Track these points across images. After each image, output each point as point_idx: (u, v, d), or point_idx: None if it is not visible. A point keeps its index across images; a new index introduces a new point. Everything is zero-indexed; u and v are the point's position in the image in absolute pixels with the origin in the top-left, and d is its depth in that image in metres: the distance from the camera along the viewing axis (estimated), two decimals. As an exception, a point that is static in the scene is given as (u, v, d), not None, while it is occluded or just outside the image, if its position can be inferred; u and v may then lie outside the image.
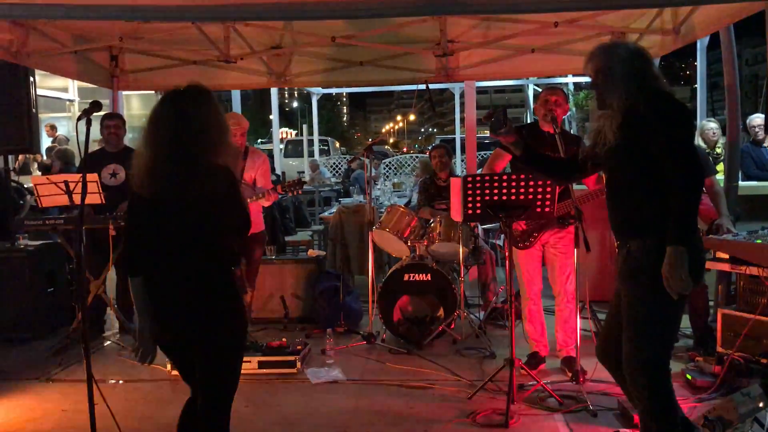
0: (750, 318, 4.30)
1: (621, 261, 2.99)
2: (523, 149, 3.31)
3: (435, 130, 73.74)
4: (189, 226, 2.64)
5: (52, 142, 11.46)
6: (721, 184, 5.28)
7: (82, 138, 3.25)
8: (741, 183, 5.85)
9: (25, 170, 9.91)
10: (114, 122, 5.81)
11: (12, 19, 5.17)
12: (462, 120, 14.04)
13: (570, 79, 15.00)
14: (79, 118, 3.17)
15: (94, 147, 6.34)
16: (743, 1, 4.41)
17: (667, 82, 2.96)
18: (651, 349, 2.85)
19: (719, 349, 4.49)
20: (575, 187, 4.23)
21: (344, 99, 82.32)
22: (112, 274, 5.63)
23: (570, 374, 4.47)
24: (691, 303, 4.91)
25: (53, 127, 12.12)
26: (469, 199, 4.08)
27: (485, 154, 15.40)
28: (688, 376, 4.28)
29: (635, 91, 2.84)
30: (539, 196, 4.05)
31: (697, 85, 7.71)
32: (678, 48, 5.85)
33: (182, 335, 2.68)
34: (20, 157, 9.74)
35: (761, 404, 3.38)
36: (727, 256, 4.45)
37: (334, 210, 7.97)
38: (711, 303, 5.12)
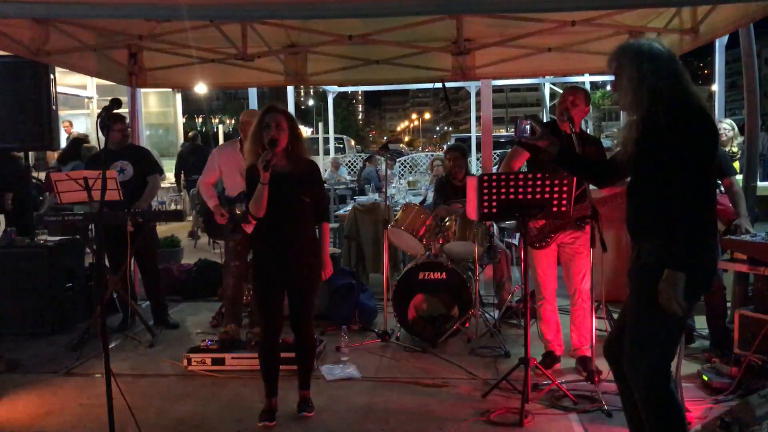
0: (768, 319, 4.28)
1: (631, 262, 2.98)
2: (558, 151, 3.30)
3: (450, 128, 73.68)
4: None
5: (68, 139, 11.56)
6: (740, 184, 5.24)
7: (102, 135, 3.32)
8: (759, 183, 5.80)
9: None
10: (123, 125, 5.94)
11: (33, 18, 5.23)
12: (478, 118, 13.99)
13: (587, 78, 14.89)
14: (99, 116, 3.23)
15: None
16: (762, 0, 4.37)
17: (690, 81, 2.79)
18: (651, 352, 2.81)
19: (736, 350, 4.45)
20: (591, 189, 4.21)
21: (359, 97, 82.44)
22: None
23: (585, 374, 4.46)
24: (708, 304, 4.89)
25: (70, 123, 12.23)
26: (485, 198, 4.06)
27: (501, 152, 15.34)
28: (705, 378, 4.24)
29: (648, 97, 2.74)
30: (555, 196, 4.02)
31: (716, 85, 7.64)
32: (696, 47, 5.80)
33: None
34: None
35: (778, 406, 3.36)
36: (745, 257, 4.43)
37: (349, 208, 7.99)
38: (728, 304, 5.08)
